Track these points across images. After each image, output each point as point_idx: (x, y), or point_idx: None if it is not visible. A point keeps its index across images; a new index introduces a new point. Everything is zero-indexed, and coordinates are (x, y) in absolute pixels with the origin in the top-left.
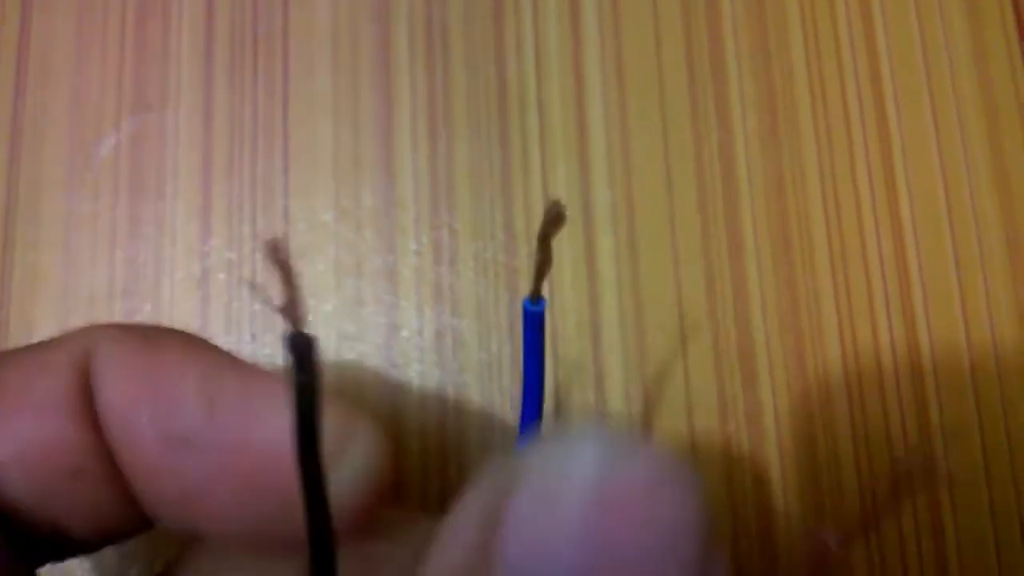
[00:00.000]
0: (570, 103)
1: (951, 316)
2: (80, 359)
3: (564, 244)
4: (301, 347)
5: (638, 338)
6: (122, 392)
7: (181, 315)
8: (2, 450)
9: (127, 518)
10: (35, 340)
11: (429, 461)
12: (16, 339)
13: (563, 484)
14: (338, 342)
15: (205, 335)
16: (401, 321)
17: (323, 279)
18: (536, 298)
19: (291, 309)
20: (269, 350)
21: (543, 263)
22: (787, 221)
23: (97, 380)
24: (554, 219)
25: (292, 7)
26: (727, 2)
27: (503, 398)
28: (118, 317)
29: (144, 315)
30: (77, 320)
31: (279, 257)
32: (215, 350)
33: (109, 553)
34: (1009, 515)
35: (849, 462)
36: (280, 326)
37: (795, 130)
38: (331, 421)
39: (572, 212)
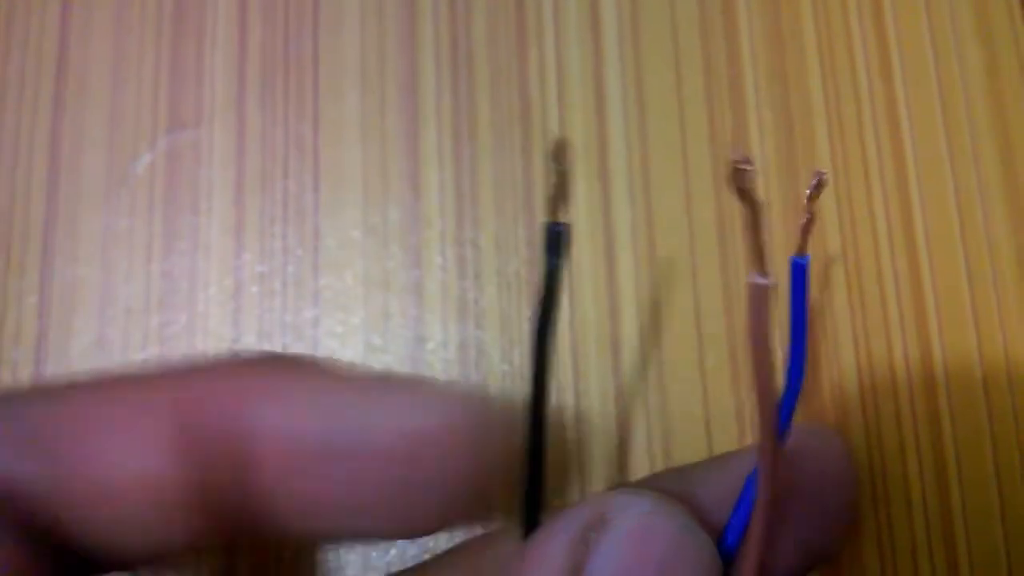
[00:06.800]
0: (591, 124)
1: (964, 331)
2: (180, 400)
3: (584, 260)
4: (555, 234)
5: (657, 352)
6: (280, 425)
7: (215, 327)
8: (92, 483)
9: (189, 543)
10: (73, 351)
11: None
12: (55, 350)
13: (648, 538)
14: (365, 354)
15: (238, 347)
16: (426, 334)
17: (352, 293)
18: (803, 254)
19: (554, 204)
20: None
21: (809, 222)
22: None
23: (245, 421)
24: (819, 183)
25: (322, 30)
26: (745, 29)
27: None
28: (154, 329)
29: (179, 327)
30: (114, 332)
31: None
32: (322, 365)
33: None
34: (1020, 525)
35: (864, 473)
36: (311, 337)
37: (812, 153)
38: None
39: (592, 229)
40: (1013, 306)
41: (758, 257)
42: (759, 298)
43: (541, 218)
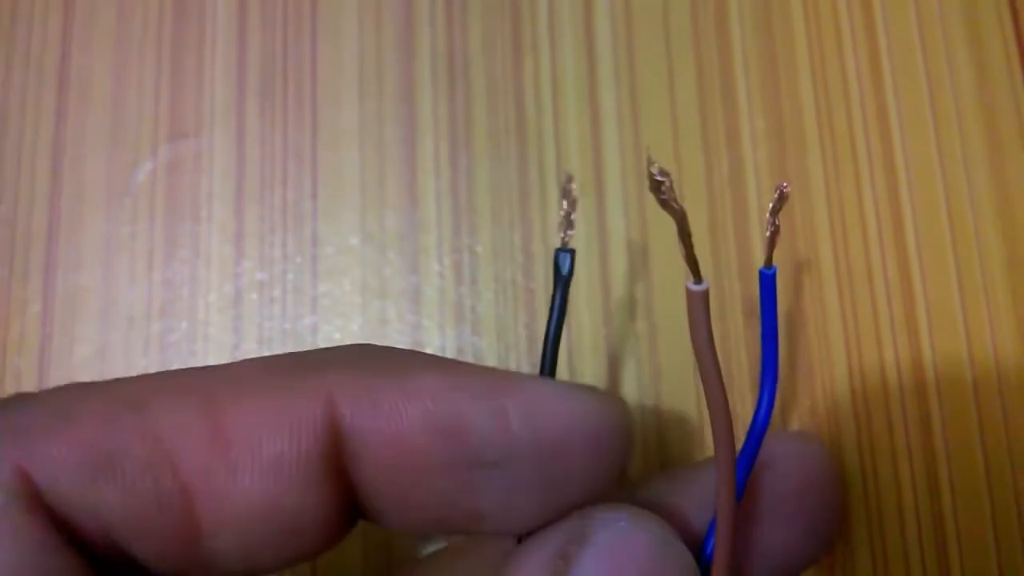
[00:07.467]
0: (585, 133)
1: (954, 335)
2: (322, 411)
3: (580, 268)
4: (565, 256)
5: (652, 358)
6: (400, 428)
7: (216, 334)
8: (225, 511)
9: (306, 556)
10: (76, 359)
11: None
12: (58, 356)
13: (626, 552)
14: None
15: (238, 354)
16: (424, 340)
17: (350, 299)
18: (769, 265)
19: (565, 231)
20: None
21: (774, 234)
22: (796, 245)
23: (350, 421)
24: (780, 196)
25: (320, 39)
26: (737, 38)
27: None
28: (155, 336)
29: (180, 334)
30: (116, 339)
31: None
32: (450, 361)
33: None
34: (1011, 528)
35: (855, 475)
36: (310, 344)
37: (803, 160)
38: None
39: (587, 237)
40: (1003, 311)
41: (691, 264)
42: (697, 304)
43: (537, 225)
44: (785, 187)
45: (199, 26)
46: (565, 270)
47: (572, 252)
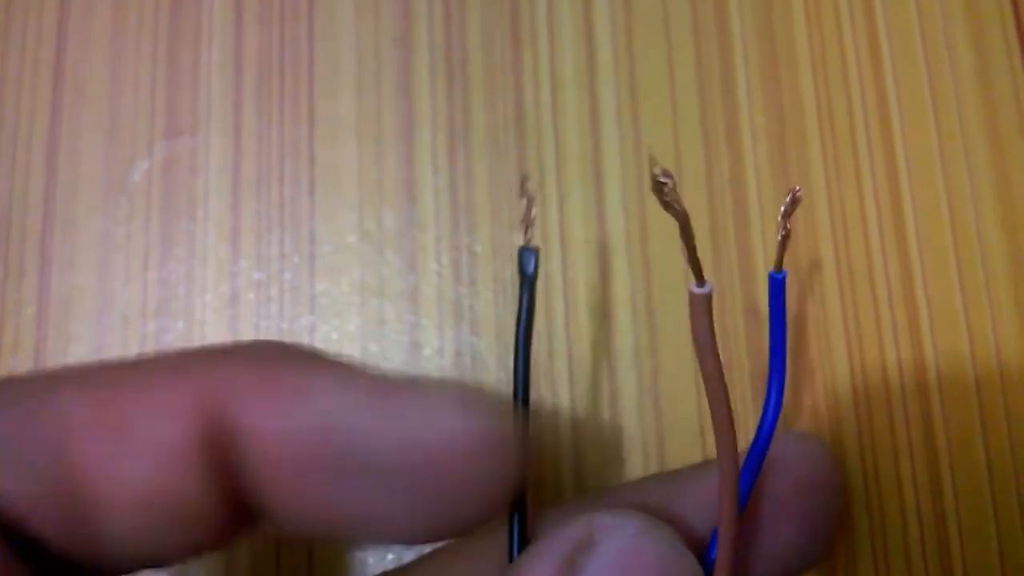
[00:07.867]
0: (585, 129)
1: (956, 334)
2: (205, 400)
3: (579, 268)
4: (530, 255)
5: (651, 359)
6: (278, 424)
7: (212, 333)
8: (116, 493)
9: (204, 547)
10: (71, 359)
11: None
12: (53, 356)
13: (635, 561)
14: (362, 360)
15: None
16: (422, 340)
17: (347, 299)
18: (779, 268)
19: (526, 230)
20: None
21: (785, 238)
22: (796, 244)
23: (241, 417)
24: (793, 199)
25: (317, 35)
26: (737, 33)
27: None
28: (151, 335)
29: (176, 333)
30: (112, 339)
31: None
32: (331, 361)
33: None
34: (1013, 527)
35: (857, 475)
36: (307, 343)
37: (804, 157)
38: None
39: (587, 235)
40: (1005, 309)
41: (694, 267)
42: (699, 307)
43: (536, 223)
44: (798, 190)
45: (195, 21)
46: (530, 269)
47: (536, 250)
